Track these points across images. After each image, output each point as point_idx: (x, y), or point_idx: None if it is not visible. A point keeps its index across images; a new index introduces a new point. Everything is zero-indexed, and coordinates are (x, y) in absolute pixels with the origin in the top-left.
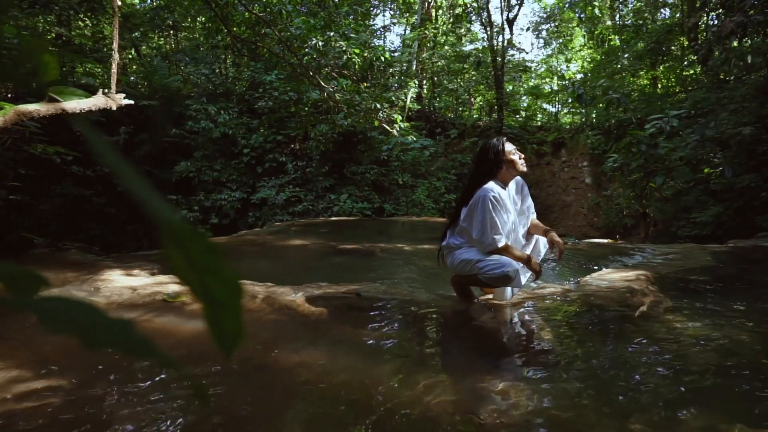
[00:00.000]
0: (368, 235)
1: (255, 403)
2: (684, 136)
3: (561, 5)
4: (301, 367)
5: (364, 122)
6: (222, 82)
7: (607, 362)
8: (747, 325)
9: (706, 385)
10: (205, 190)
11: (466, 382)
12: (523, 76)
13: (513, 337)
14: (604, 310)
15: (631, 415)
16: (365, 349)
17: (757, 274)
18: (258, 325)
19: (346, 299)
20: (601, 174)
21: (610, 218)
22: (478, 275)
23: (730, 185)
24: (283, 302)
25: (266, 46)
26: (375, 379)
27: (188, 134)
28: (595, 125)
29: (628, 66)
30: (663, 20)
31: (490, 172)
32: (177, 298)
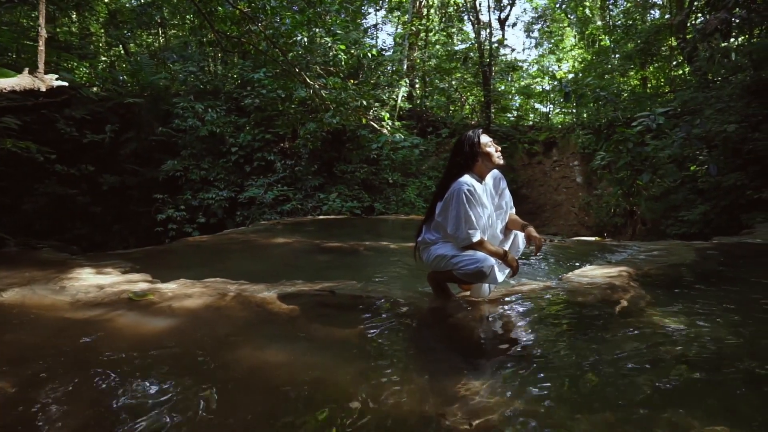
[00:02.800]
0: (355, 233)
1: (213, 403)
2: (670, 134)
3: (552, 5)
4: (266, 366)
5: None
6: (210, 80)
7: (584, 359)
8: (727, 322)
9: (683, 381)
10: (193, 189)
11: (437, 382)
12: (515, 76)
13: (488, 334)
14: (584, 306)
15: (606, 412)
16: (334, 347)
17: (739, 271)
18: (225, 322)
19: (319, 297)
20: (591, 173)
21: (600, 217)
22: (453, 271)
23: (716, 184)
24: (255, 300)
25: (251, 42)
26: (342, 379)
27: (175, 132)
28: (586, 125)
29: (618, 66)
30: (652, 21)
31: (466, 165)
32: (144, 297)
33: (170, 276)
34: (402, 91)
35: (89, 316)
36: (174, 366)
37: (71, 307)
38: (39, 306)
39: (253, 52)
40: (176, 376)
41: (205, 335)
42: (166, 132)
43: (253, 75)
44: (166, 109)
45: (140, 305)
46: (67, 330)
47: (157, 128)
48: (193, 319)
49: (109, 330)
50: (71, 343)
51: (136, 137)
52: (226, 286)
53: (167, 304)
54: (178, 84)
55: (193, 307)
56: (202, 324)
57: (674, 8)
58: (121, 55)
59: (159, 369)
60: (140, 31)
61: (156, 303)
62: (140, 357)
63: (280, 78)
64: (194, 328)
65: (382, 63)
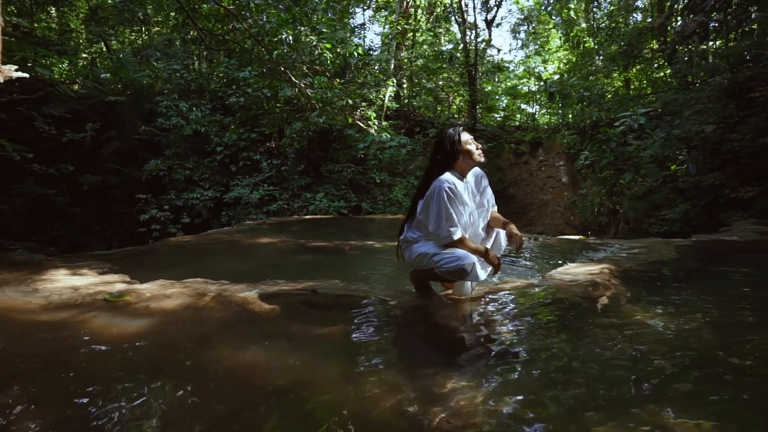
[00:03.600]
0: (341, 233)
1: (187, 403)
2: (651, 135)
3: (538, 7)
4: (244, 366)
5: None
6: (194, 78)
7: (565, 355)
8: (705, 317)
9: (663, 377)
10: (177, 189)
11: (419, 380)
12: (501, 76)
13: (471, 332)
14: (566, 303)
15: (586, 408)
16: (315, 346)
17: (716, 267)
18: (203, 323)
19: (301, 296)
20: (576, 173)
21: (585, 216)
22: (434, 269)
23: (696, 183)
24: (235, 300)
25: (236, 40)
26: (321, 378)
27: (159, 131)
28: (571, 125)
29: (602, 67)
30: (634, 24)
31: (447, 163)
32: (120, 297)
33: (150, 277)
34: (389, 91)
35: (62, 318)
36: (148, 367)
37: (43, 309)
38: (8, 308)
39: (237, 50)
40: (150, 376)
41: (182, 335)
42: (149, 131)
43: (239, 73)
44: (150, 108)
45: (116, 306)
46: (37, 332)
47: (140, 127)
48: (170, 319)
49: (82, 331)
50: (41, 345)
51: (118, 136)
52: (206, 286)
53: (144, 305)
54: (162, 82)
55: (171, 308)
56: (179, 324)
57: (655, 12)
58: (103, 52)
59: (133, 370)
60: (123, 27)
61: (133, 304)
62: (114, 358)
63: (266, 77)
64: (171, 328)
65: (369, 63)
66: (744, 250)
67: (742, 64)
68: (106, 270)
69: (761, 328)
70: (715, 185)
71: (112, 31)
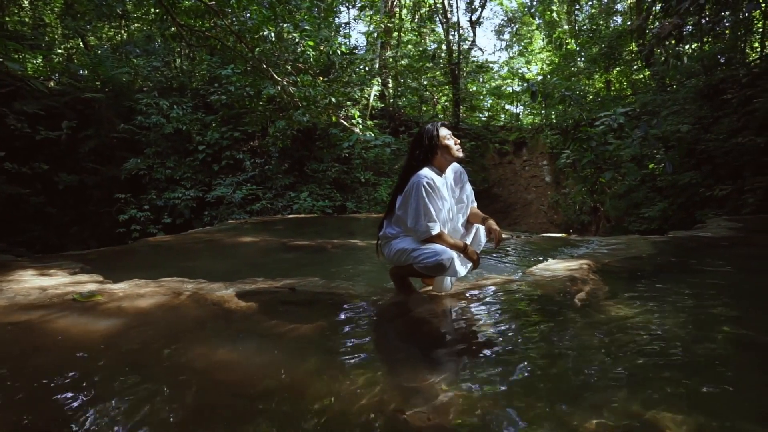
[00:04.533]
0: (325, 232)
1: (156, 404)
2: (630, 134)
3: (521, 9)
4: (219, 366)
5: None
6: (175, 75)
7: (543, 350)
8: (679, 310)
9: (640, 370)
10: (158, 188)
11: (397, 377)
12: (486, 77)
13: (450, 328)
14: (545, 298)
15: (568, 403)
16: (291, 344)
17: (690, 262)
18: (178, 321)
19: (279, 294)
20: (560, 173)
21: (568, 215)
22: (413, 265)
23: (673, 182)
24: (211, 298)
25: (217, 37)
26: (297, 376)
27: (138, 130)
28: (554, 125)
29: (583, 69)
30: (614, 27)
31: (425, 159)
32: (91, 297)
33: (125, 277)
34: (374, 90)
35: (26, 319)
36: (118, 366)
37: (6, 310)
38: None
39: (219, 47)
40: (120, 376)
41: (155, 334)
42: (128, 129)
43: (221, 71)
44: (129, 106)
45: (85, 306)
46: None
47: (119, 125)
48: (143, 318)
49: (47, 332)
50: (1, 347)
51: (95, 134)
52: (182, 285)
53: (116, 305)
54: (142, 79)
55: (144, 307)
56: (152, 323)
57: (634, 15)
58: (80, 48)
59: (99, 370)
60: (100, 23)
61: (104, 303)
62: (80, 359)
63: (248, 75)
64: (144, 327)
65: (354, 61)
66: (717, 245)
67: (715, 67)
68: (78, 270)
69: (733, 319)
70: (691, 184)
71: (89, 26)
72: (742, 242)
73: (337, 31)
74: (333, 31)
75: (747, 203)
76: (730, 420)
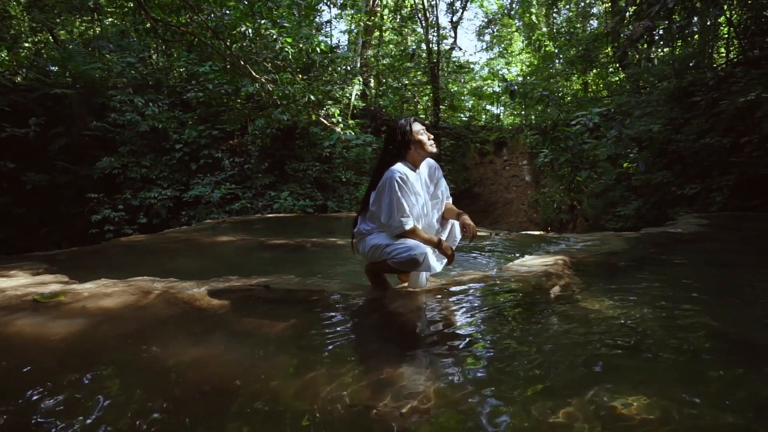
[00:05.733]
0: (305, 231)
1: (116, 405)
2: (605, 133)
3: (501, 11)
4: (187, 364)
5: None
6: (151, 72)
7: (517, 344)
8: (650, 302)
9: (607, 360)
10: (133, 188)
11: (369, 372)
12: (467, 77)
13: (424, 323)
14: (520, 293)
15: (540, 394)
16: (264, 342)
17: (661, 257)
18: (145, 321)
19: (252, 292)
20: (539, 172)
21: (547, 214)
22: (387, 260)
23: (647, 181)
24: (182, 297)
25: (193, 32)
26: (269, 374)
27: (112, 128)
28: (534, 126)
29: (561, 70)
30: (591, 30)
31: (398, 154)
32: (53, 298)
33: (94, 278)
34: (355, 90)
35: None
36: (77, 367)
37: None
38: None
39: (195, 43)
40: (78, 377)
41: (119, 334)
42: (101, 127)
43: (199, 68)
44: (102, 103)
45: (47, 307)
46: None
47: (91, 122)
48: (108, 318)
49: (1, 335)
50: None
51: (66, 132)
52: (152, 284)
53: (80, 305)
54: (115, 75)
55: (110, 307)
56: (118, 323)
57: (609, 19)
58: (49, 42)
59: (57, 372)
60: (71, 16)
61: (67, 304)
62: (37, 360)
63: (227, 72)
64: (109, 327)
65: (335, 60)
66: (687, 240)
67: (685, 71)
68: (42, 271)
69: (700, 311)
70: (664, 183)
71: (59, 20)
72: (710, 238)
73: (318, 30)
74: (314, 29)
75: (715, 201)
76: (698, 408)
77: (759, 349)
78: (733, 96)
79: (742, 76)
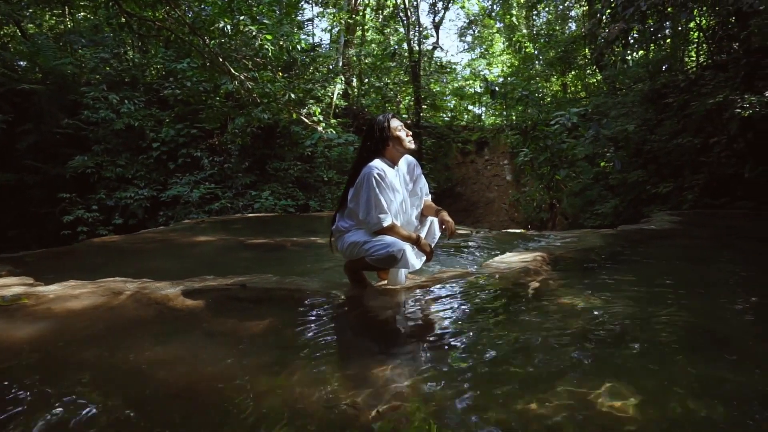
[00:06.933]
0: (285, 230)
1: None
2: (583, 132)
3: (482, 12)
4: (159, 365)
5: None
6: (126, 68)
7: (495, 339)
8: (626, 296)
9: (586, 354)
10: (108, 187)
11: (347, 370)
12: (449, 77)
13: (404, 321)
14: (499, 289)
15: (518, 389)
16: (239, 341)
17: (636, 253)
18: (115, 322)
19: (229, 291)
20: (520, 171)
21: (528, 213)
22: (365, 257)
23: (623, 180)
24: (155, 297)
25: (168, 27)
26: (244, 374)
27: (85, 125)
28: (515, 126)
29: (541, 71)
30: (570, 33)
31: (376, 150)
32: (15, 301)
33: (62, 280)
34: (337, 89)
35: None
36: (38, 370)
37: None
38: None
39: (172, 38)
40: (40, 380)
41: (85, 336)
42: (73, 124)
43: (177, 65)
44: (74, 99)
45: (8, 310)
46: None
47: (63, 120)
48: (74, 320)
49: None
50: None
51: (36, 129)
52: (124, 285)
53: (45, 307)
54: (89, 71)
55: (77, 308)
56: (85, 325)
57: (587, 22)
58: (16, 35)
59: (17, 373)
60: (40, 9)
61: (30, 306)
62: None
63: (206, 69)
64: (74, 329)
65: (316, 59)
66: (660, 237)
67: (659, 73)
68: (5, 273)
69: (673, 304)
70: (639, 182)
71: (27, 12)
72: (681, 234)
73: (300, 28)
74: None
75: (686, 199)
76: (673, 399)
77: (730, 341)
78: (703, 98)
79: (711, 78)
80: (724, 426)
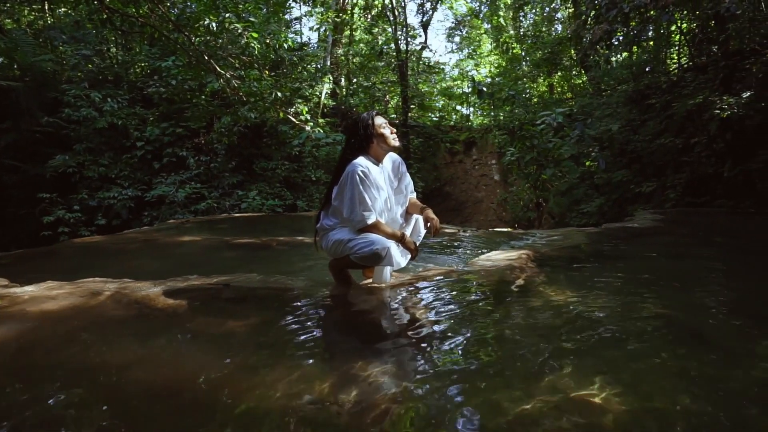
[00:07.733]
0: (272, 230)
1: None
2: (568, 132)
3: (470, 13)
4: (137, 365)
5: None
6: (109, 66)
7: (479, 336)
8: (610, 292)
9: (571, 350)
10: (90, 187)
11: (331, 369)
12: (437, 78)
13: (389, 319)
14: (485, 287)
15: (502, 385)
16: (221, 341)
17: (619, 250)
18: (93, 322)
19: (211, 291)
20: (508, 171)
21: (515, 212)
22: (350, 255)
23: (608, 180)
24: (135, 297)
25: (151, 24)
26: (225, 373)
27: (66, 124)
28: (502, 126)
29: (528, 72)
30: (556, 35)
31: (361, 148)
32: None
33: (40, 281)
34: (325, 88)
35: None
36: (9, 371)
37: None
38: None
39: (156, 35)
40: (11, 381)
41: (61, 336)
42: (54, 123)
43: (162, 63)
44: (55, 97)
45: None
46: None
47: (43, 118)
48: (50, 321)
49: None
50: None
51: (14, 127)
52: (104, 285)
53: (19, 308)
54: (70, 69)
55: (54, 309)
56: (62, 325)
57: (573, 23)
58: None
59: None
60: (18, 5)
61: (3, 308)
62: None
63: (191, 67)
64: (50, 330)
65: (304, 58)
66: (643, 234)
67: (642, 75)
68: None
69: (657, 299)
70: (623, 181)
71: (5, 7)
72: (663, 232)
73: (288, 27)
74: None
75: (669, 198)
76: (657, 393)
77: (706, 334)
78: (684, 99)
79: (692, 80)
80: (707, 418)
